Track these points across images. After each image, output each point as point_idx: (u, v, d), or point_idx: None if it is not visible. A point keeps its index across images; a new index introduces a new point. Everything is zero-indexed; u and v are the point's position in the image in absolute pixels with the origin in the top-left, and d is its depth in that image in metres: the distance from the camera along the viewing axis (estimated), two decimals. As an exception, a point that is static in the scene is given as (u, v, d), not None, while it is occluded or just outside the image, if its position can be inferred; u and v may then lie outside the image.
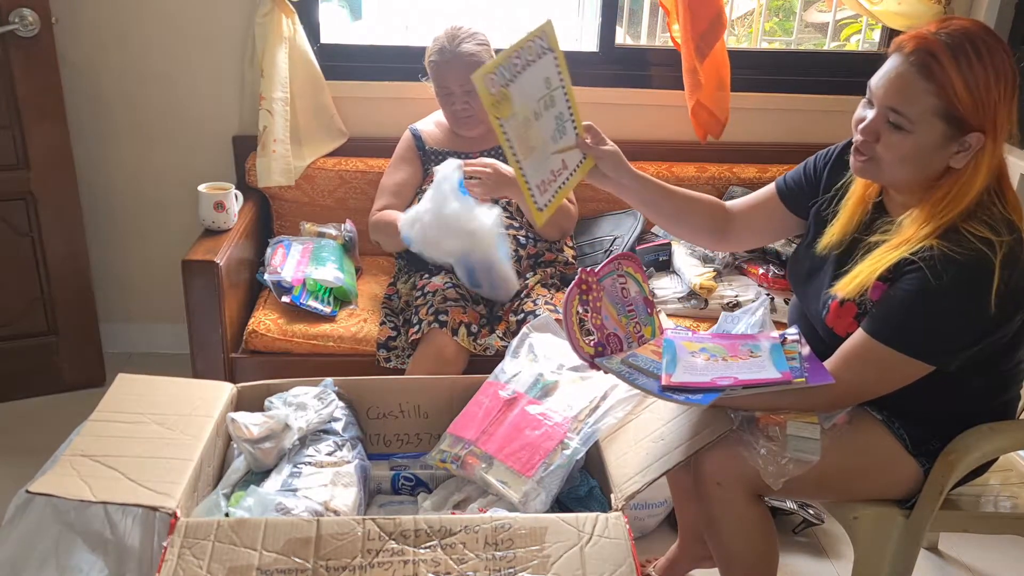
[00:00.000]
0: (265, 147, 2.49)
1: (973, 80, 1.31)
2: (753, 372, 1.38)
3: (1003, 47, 1.34)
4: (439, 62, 2.24)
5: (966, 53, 1.31)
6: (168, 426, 1.51)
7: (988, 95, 1.31)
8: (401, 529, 1.29)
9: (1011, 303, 1.35)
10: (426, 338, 2.05)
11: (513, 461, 1.53)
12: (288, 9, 2.46)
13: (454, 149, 2.36)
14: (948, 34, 1.33)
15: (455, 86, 2.24)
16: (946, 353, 1.38)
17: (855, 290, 1.42)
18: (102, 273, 2.72)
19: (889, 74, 1.37)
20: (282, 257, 2.35)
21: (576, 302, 1.48)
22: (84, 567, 1.41)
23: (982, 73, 1.31)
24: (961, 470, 1.46)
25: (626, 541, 1.28)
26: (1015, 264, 1.33)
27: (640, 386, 1.40)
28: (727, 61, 2.54)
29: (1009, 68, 1.33)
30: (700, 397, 1.33)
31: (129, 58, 2.56)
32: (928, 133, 1.35)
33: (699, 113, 2.57)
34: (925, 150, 1.36)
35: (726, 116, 2.59)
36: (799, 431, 1.39)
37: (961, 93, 1.31)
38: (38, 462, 1.43)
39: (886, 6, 2.56)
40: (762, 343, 1.47)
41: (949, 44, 1.31)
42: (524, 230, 2.30)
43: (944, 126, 1.34)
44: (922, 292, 1.34)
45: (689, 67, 2.49)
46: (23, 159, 2.39)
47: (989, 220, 1.35)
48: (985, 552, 2.09)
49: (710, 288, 2.31)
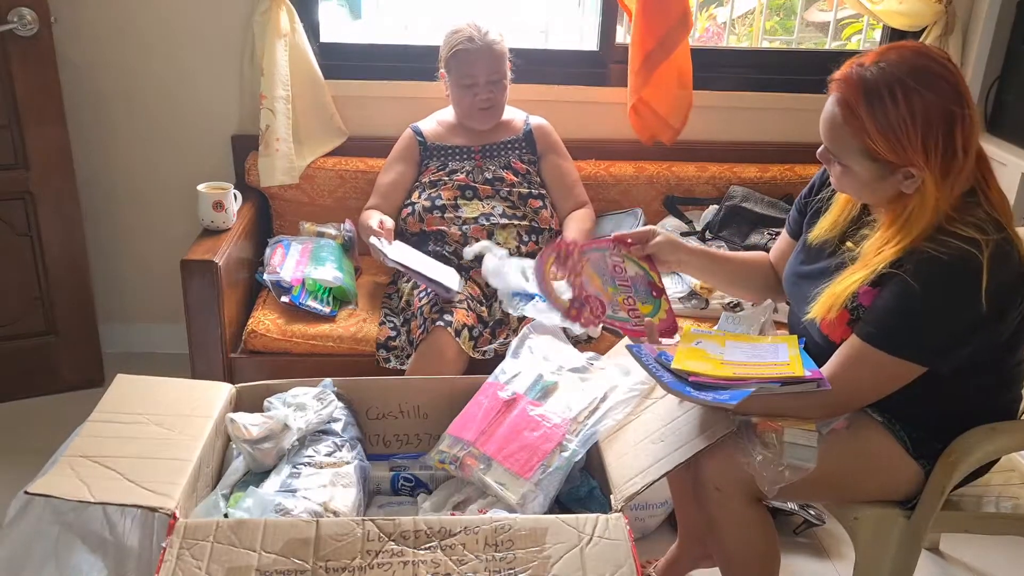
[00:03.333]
0: (268, 146, 2.49)
1: (887, 123, 1.32)
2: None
3: (934, 82, 1.32)
4: (469, 50, 2.25)
5: (880, 96, 1.32)
6: (167, 426, 1.50)
7: (905, 135, 1.31)
8: (401, 530, 1.29)
9: (1002, 300, 1.34)
10: (429, 337, 2.05)
11: (511, 463, 1.53)
12: (287, 8, 2.45)
13: (456, 144, 2.38)
14: (874, 72, 1.34)
15: (482, 76, 2.26)
16: (938, 354, 1.38)
17: (829, 312, 1.44)
18: (101, 273, 2.72)
19: (824, 114, 1.41)
20: (281, 257, 2.34)
21: (550, 261, 1.61)
22: (84, 568, 1.41)
23: (896, 115, 1.31)
24: (963, 471, 1.45)
25: (626, 542, 1.28)
26: (1004, 261, 1.33)
27: (665, 383, 1.40)
28: (689, 61, 2.55)
29: (934, 105, 1.31)
30: (728, 396, 1.33)
31: (128, 57, 2.56)
32: (861, 170, 1.39)
33: (643, 112, 2.58)
34: (866, 183, 1.40)
35: (683, 118, 2.59)
36: (796, 438, 1.39)
37: (876, 138, 1.33)
38: (37, 462, 1.43)
39: (887, 5, 2.56)
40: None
41: (867, 87, 1.33)
42: (527, 223, 2.31)
43: (872, 164, 1.37)
44: (911, 295, 1.35)
45: (635, 66, 2.51)
46: (22, 158, 2.39)
47: (975, 220, 1.35)
48: (986, 553, 2.09)
49: (711, 288, 2.30)
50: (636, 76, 2.53)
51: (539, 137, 2.44)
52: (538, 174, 2.42)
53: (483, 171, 2.36)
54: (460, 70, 2.27)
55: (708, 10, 4.20)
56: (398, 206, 2.37)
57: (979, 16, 2.61)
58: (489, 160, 2.38)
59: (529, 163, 2.41)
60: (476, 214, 2.28)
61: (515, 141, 2.42)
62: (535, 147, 2.43)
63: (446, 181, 2.33)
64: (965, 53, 2.65)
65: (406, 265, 2.11)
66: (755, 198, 2.59)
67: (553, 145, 2.45)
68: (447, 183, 2.33)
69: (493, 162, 2.38)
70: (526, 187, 2.35)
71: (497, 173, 2.36)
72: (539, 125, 2.45)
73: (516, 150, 2.41)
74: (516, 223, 2.29)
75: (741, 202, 2.56)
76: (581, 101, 2.68)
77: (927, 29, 2.60)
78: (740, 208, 2.55)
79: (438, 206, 2.29)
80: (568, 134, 2.50)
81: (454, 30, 2.30)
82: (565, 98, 2.65)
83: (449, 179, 2.34)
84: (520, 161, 2.40)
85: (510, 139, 2.41)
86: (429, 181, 2.35)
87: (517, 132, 2.43)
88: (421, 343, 2.07)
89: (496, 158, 2.39)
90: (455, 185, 2.32)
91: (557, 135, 2.47)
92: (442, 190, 2.31)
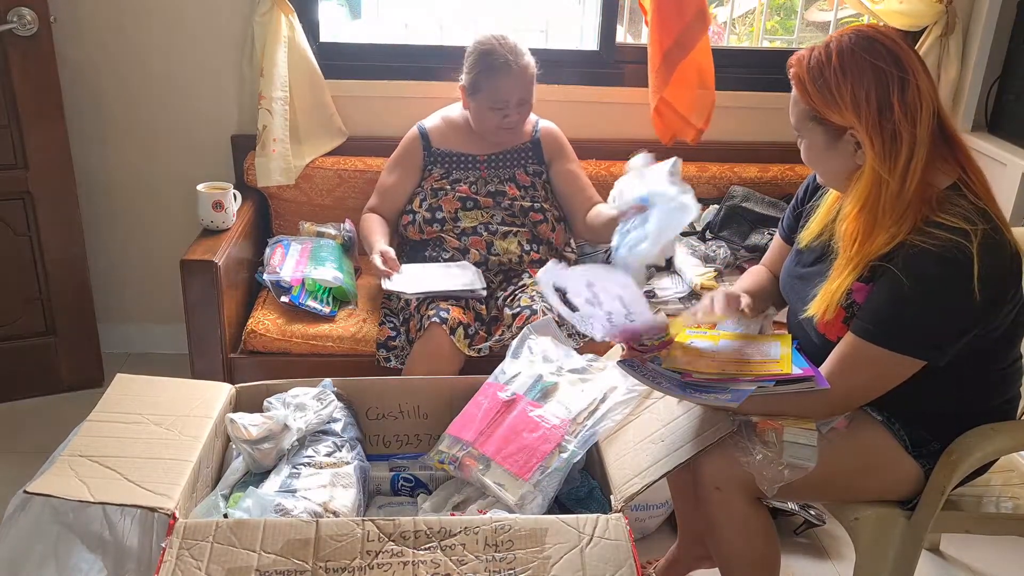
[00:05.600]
0: (265, 146, 2.49)
1: (822, 80, 1.39)
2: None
3: (871, 44, 1.38)
4: (503, 75, 2.17)
5: (819, 56, 1.41)
6: (167, 426, 1.50)
7: (836, 88, 1.38)
8: (400, 530, 1.29)
9: (994, 289, 1.34)
10: (426, 334, 2.05)
11: (510, 464, 1.53)
12: (287, 8, 2.45)
13: (462, 151, 2.34)
14: (821, 48, 1.42)
15: (514, 99, 2.20)
16: (934, 346, 1.38)
17: (827, 311, 1.45)
18: (100, 273, 2.71)
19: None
20: (281, 257, 2.34)
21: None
22: (83, 567, 1.41)
23: (829, 71, 1.38)
24: (963, 471, 1.45)
25: (626, 542, 1.28)
26: (994, 250, 1.33)
27: (665, 388, 1.41)
28: (711, 60, 2.53)
29: (866, 63, 1.37)
30: (729, 396, 1.33)
31: (127, 57, 2.55)
32: (812, 135, 1.46)
33: (664, 113, 2.56)
34: (819, 150, 1.46)
35: (706, 117, 2.57)
36: (796, 437, 1.40)
37: (814, 95, 1.41)
38: (36, 462, 1.43)
39: (887, 5, 2.56)
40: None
41: (811, 55, 1.43)
42: (528, 232, 2.30)
43: (819, 127, 1.43)
44: (903, 288, 1.35)
45: (655, 65, 2.49)
46: (21, 158, 2.39)
47: (961, 211, 1.36)
48: (987, 553, 2.09)
49: (711, 288, 2.30)
50: (656, 75, 2.50)
51: (546, 144, 2.38)
52: (544, 185, 2.36)
53: (487, 182, 2.31)
54: (492, 95, 2.20)
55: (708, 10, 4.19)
56: (398, 209, 2.37)
57: (979, 16, 2.61)
58: (494, 171, 2.33)
59: (534, 174, 2.35)
60: (475, 223, 2.27)
61: (522, 149, 2.36)
62: (542, 155, 2.37)
63: (448, 191, 2.30)
64: (965, 53, 2.65)
65: (426, 292, 2.11)
66: (755, 198, 2.59)
67: (560, 150, 2.39)
68: (449, 192, 2.29)
69: (498, 173, 2.33)
70: (528, 201, 2.31)
71: (500, 187, 2.31)
72: (548, 131, 2.39)
73: (522, 160, 2.35)
74: (517, 229, 2.28)
75: (742, 202, 2.56)
76: (581, 101, 2.67)
77: (927, 29, 2.60)
78: (740, 208, 2.55)
79: (438, 219, 2.27)
80: (569, 134, 2.50)
81: (485, 49, 2.20)
82: (565, 98, 2.65)
83: (451, 188, 2.30)
84: (525, 172, 2.34)
85: (518, 147, 2.36)
86: (431, 189, 2.31)
87: (526, 138, 2.36)
88: (417, 340, 2.07)
89: (501, 168, 2.34)
90: (456, 196, 2.29)
91: (565, 138, 2.41)
92: (443, 200, 2.29)
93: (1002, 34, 2.61)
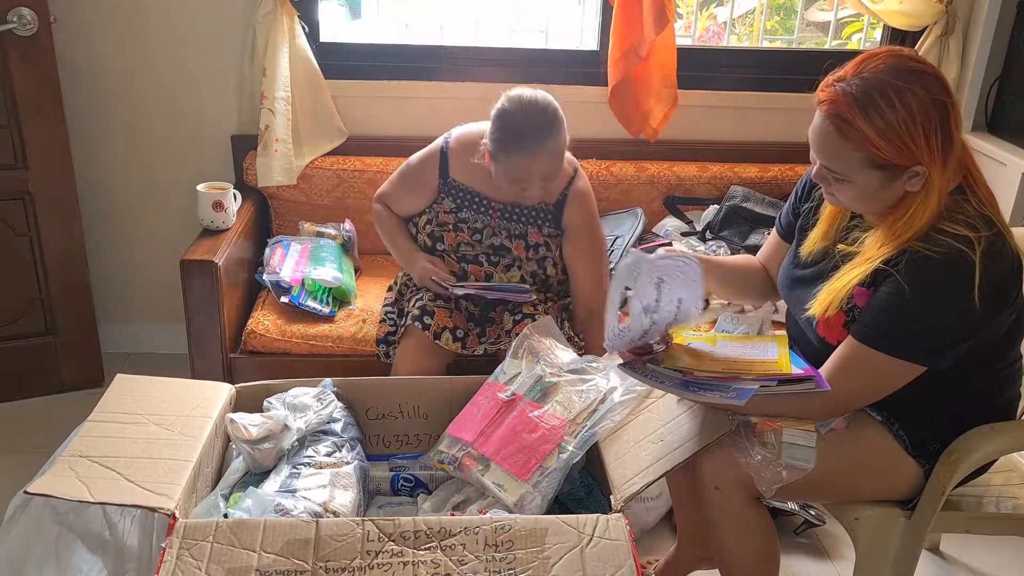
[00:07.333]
0: (267, 146, 2.49)
1: (888, 128, 1.31)
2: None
3: (919, 77, 1.32)
4: (524, 156, 1.91)
5: (875, 103, 1.31)
6: (167, 427, 1.50)
7: (908, 135, 1.31)
8: (400, 530, 1.29)
9: (996, 296, 1.35)
10: (407, 335, 2.04)
11: (510, 464, 1.53)
12: (289, 8, 2.45)
13: (479, 190, 2.10)
14: (859, 83, 1.33)
15: (535, 177, 1.95)
16: (934, 352, 1.38)
17: (829, 308, 1.44)
18: (100, 273, 2.71)
19: (815, 132, 1.40)
20: (281, 257, 2.34)
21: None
22: (83, 567, 1.41)
23: (894, 118, 1.30)
24: (963, 471, 1.45)
25: (627, 542, 1.28)
26: (996, 257, 1.33)
27: (667, 387, 1.41)
28: (674, 57, 2.55)
29: (926, 99, 1.31)
30: (733, 394, 1.33)
31: (128, 57, 2.55)
32: (866, 180, 1.37)
33: (625, 105, 2.58)
34: (871, 191, 1.38)
35: (662, 116, 2.60)
36: (795, 438, 1.40)
37: (880, 144, 1.31)
38: (36, 462, 1.43)
39: (887, 5, 2.56)
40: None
41: (857, 98, 1.32)
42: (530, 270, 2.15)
43: (878, 172, 1.35)
44: (905, 294, 1.35)
45: (614, 57, 2.52)
46: (21, 158, 2.38)
47: (966, 219, 1.36)
48: (987, 553, 2.09)
49: (710, 291, 2.29)
50: (615, 66, 2.53)
51: (571, 210, 2.08)
52: (558, 245, 2.11)
53: (494, 232, 2.10)
54: (510, 171, 1.95)
55: (708, 10, 4.19)
56: (405, 216, 2.22)
57: (979, 16, 2.61)
58: (506, 223, 2.10)
59: (548, 235, 2.10)
60: (476, 253, 2.14)
61: (544, 210, 2.09)
62: (561, 219, 2.09)
63: (452, 227, 2.11)
64: (965, 53, 2.65)
65: (477, 289, 2.04)
66: (756, 198, 2.59)
67: (579, 227, 2.09)
68: (452, 229, 2.11)
69: (509, 227, 2.10)
70: (534, 265, 2.11)
71: (506, 242, 2.10)
72: (578, 196, 2.08)
73: (539, 220, 2.10)
74: (519, 269, 2.13)
75: (742, 202, 2.56)
76: (582, 101, 2.67)
77: (927, 29, 2.60)
78: (741, 208, 2.55)
79: (439, 251, 2.14)
80: (569, 134, 2.50)
81: (510, 121, 1.93)
82: (565, 98, 2.63)
83: (456, 227, 2.11)
84: (539, 232, 2.09)
85: (540, 208, 2.09)
86: (437, 218, 2.12)
87: (550, 199, 2.07)
88: (402, 340, 2.05)
89: (514, 223, 2.10)
90: (459, 240, 2.12)
91: (594, 203, 2.12)
92: (446, 233, 2.12)
93: (1002, 34, 2.61)
